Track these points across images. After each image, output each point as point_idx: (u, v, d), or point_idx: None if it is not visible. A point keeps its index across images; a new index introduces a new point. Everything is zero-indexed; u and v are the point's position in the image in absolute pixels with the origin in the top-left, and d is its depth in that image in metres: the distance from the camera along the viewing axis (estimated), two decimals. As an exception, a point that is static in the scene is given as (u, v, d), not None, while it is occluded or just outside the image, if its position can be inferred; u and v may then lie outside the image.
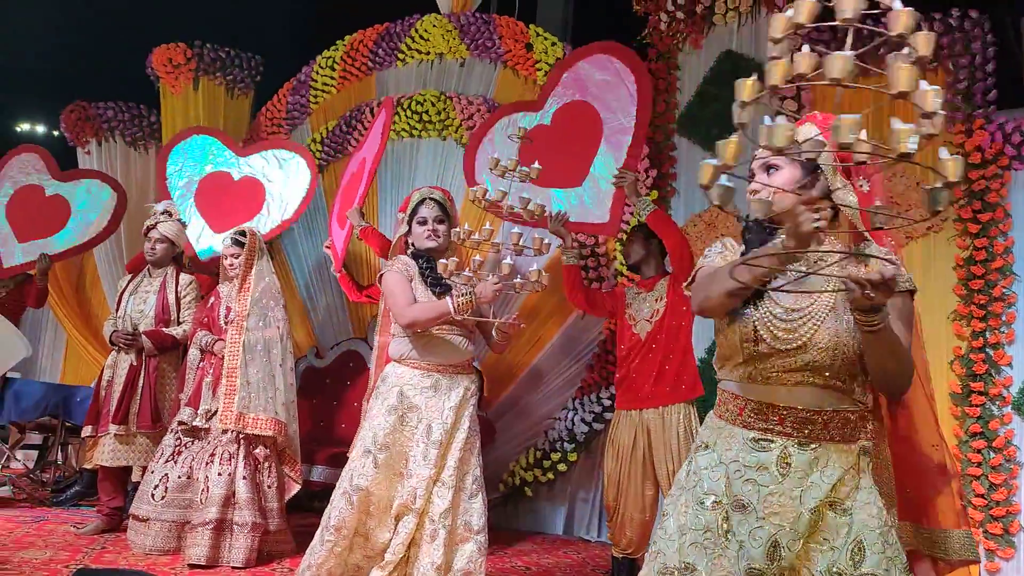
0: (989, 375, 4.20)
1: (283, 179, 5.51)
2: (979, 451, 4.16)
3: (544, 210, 3.21)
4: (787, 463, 1.77)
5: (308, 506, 5.11)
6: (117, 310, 4.67)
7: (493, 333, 3.13)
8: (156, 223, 4.70)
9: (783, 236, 1.86)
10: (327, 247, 5.25)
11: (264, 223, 5.35)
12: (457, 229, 2.99)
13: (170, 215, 4.77)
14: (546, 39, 5.61)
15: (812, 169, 1.81)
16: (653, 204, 3.91)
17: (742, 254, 1.87)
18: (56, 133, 9.32)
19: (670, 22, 5.33)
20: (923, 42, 1.38)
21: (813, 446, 1.77)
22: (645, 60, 5.42)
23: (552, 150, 4.22)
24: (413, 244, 3.39)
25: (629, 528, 3.74)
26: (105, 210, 5.65)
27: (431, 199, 3.39)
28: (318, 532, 3.13)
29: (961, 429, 4.21)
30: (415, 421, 3.14)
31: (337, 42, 6.36)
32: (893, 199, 4.39)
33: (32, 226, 5.64)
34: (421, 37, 6.07)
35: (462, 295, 3.03)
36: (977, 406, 4.19)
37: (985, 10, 4.49)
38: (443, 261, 2.94)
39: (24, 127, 12.64)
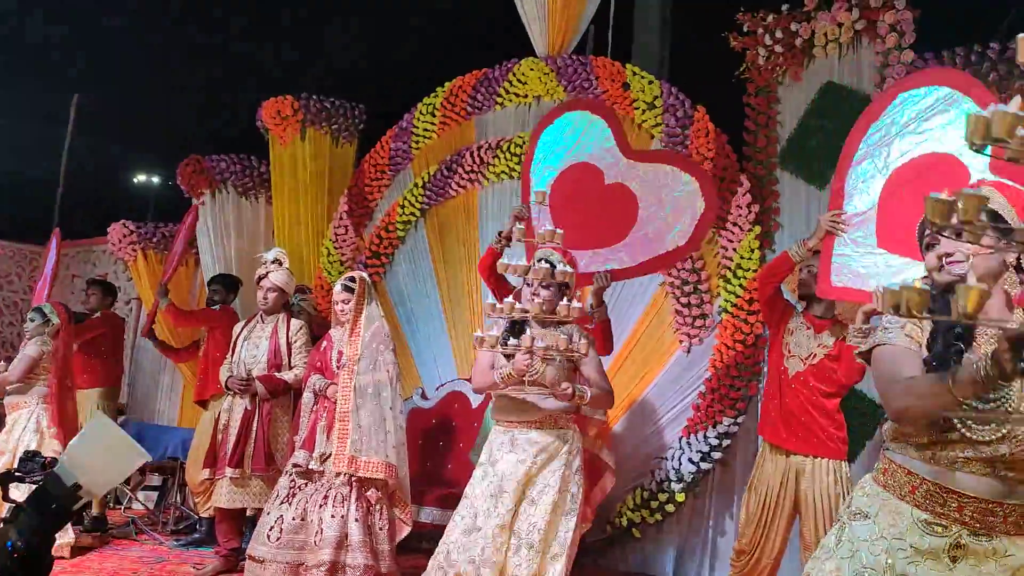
0: None
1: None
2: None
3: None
4: (960, 550, 1.69)
5: (416, 547, 5.14)
6: (232, 356, 4.85)
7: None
8: (267, 272, 4.87)
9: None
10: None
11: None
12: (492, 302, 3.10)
13: (280, 264, 4.95)
14: (643, 78, 5.61)
15: (1004, 234, 1.65)
16: None
17: (931, 334, 1.76)
18: (171, 184, 9.83)
19: (768, 56, 5.25)
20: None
21: (990, 537, 1.69)
22: (744, 94, 5.39)
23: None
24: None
25: (760, 571, 3.60)
26: None
27: (546, 260, 3.34)
28: None
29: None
30: (492, 475, 3.21)
31: (437, 88, 6.52)
32: None
33: None
34: (519, 80, 6.16)
35: (501, 369, 3.18)
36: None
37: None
38: (489, 303, 3.12)
39: (141, 178, 13.40)
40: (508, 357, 3.18)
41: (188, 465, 5.52)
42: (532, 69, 6.12)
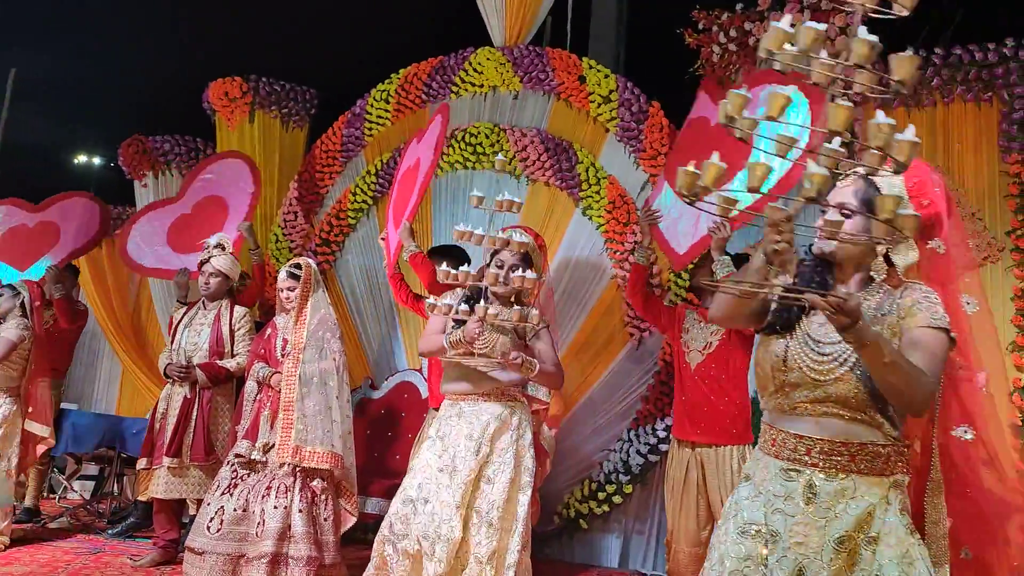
0: (1050, 406, 4.12)
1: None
2: (1043, 483, 4.03)
3: (514, 206, 3.21)
4: (813, 492, 1.79)
5: (362, 539, 5.07)
6: (172, 343, 4.72)
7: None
8: (210, 257, 4.75)
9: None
10: (382, 239, 5.10)
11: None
12: (445, 268, 3.01)
13: (223, 248, 4.82)
14: (599, 71, 5.61)
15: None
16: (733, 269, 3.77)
17: (793, 283, 1.89)
18: (113, 165, 9.56)
19: (722, 54, 5.28)
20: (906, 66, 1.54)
21: (840, 477, 1.78)
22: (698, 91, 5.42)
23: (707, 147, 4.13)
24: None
25: (682, 561, 3.65)
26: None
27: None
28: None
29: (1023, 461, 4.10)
30: (440, 448, 3.19)
31: (392, 75, 6.43)
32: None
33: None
34: (475, 70, 6.11)
35: (451, 333, 3.13)
36: (1038, 438, 4.07)
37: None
38: (443, 269, 2.99)
39: (81, 159, 13.00)
40: (459, 325, 3.15)
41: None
42: (489, 59, 6.08)
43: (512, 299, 3.26)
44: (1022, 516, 2.06)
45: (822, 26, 1.57)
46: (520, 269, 3.22)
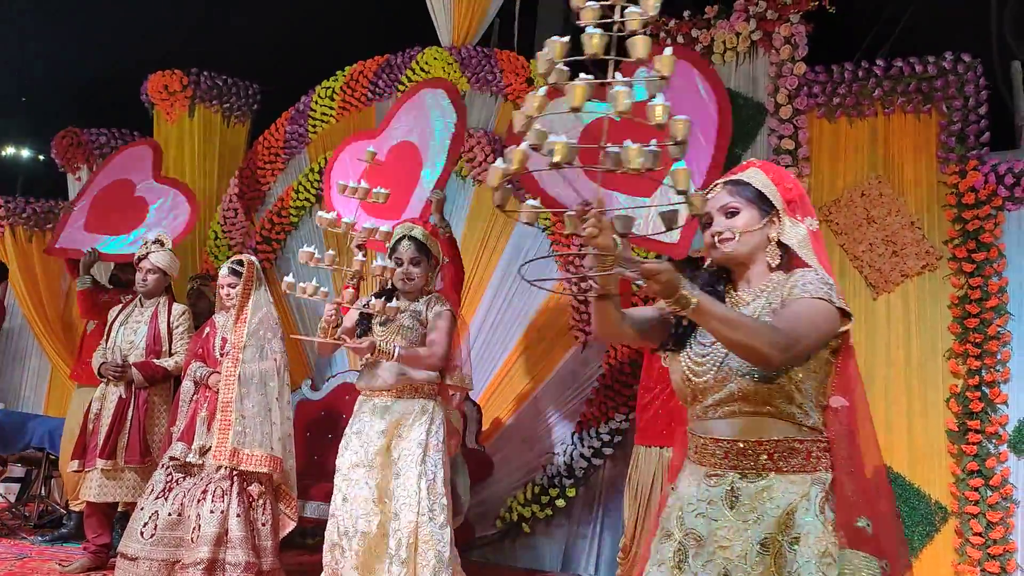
0: (986, 413, 4.26)
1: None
2: (976, 489, 4.20)
3: (385, 197, 3.41)
4: (735, 496, 1.78)
5: (301, 543, 4.99)
6: (106, 341, 4.57)
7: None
8: (148, 253, 4.61)
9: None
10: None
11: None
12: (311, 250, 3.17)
13: (162, 244, 4.69)
14: (546, 74, 5.60)
15: (767, 211, 1.89)
16: None
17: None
18: (42, 158, 9.23)
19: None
20: (666, 64, 1.59)
21: (760, 478, 1.78)
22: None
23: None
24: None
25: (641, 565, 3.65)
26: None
27: (407, 237, 3.43)
28: None
29: (958, 467, 4.27)
30: (355, 445, 3.30)
31: (337, 72, 6.34)
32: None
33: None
34: (422, 69, 6.06)
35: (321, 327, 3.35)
36: (974, 444, 4.24)
37: (978, 54, 4.60)
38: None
39: (9, 151, 12.51)
40: (365, 318, 3.33)
41: (61, 457, 5.16)
42: (436, 58, 6.03)
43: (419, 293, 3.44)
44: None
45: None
46: (417, 263, 3.39)
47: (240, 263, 4.21)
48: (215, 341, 4.24)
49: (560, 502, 5.06)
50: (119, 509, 4.57)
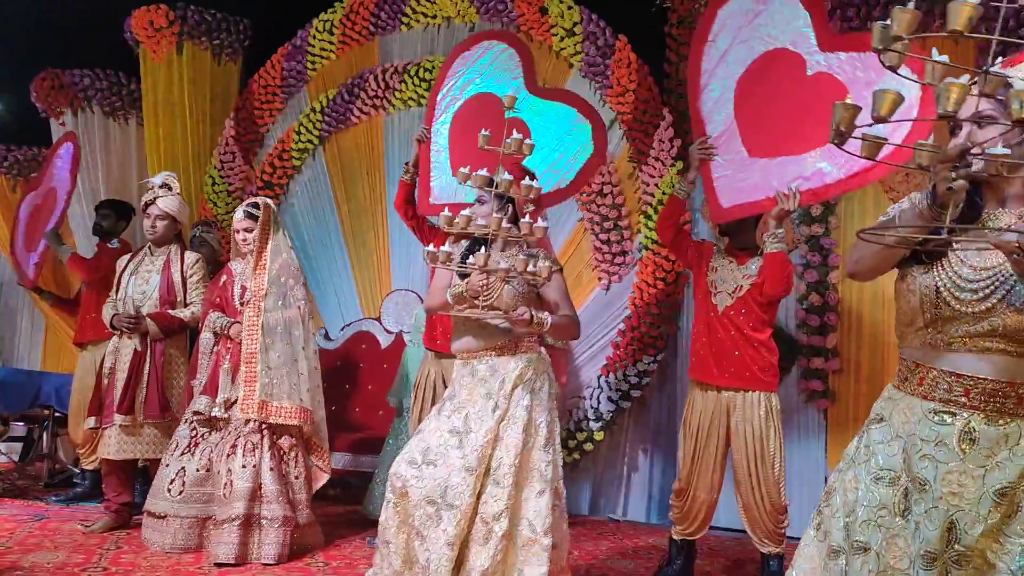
0: None
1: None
2: None
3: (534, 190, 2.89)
4: (971, 439, 1.63)
5: (324, 494, 4.85)
6: (116, 292, 4.33)
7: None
8: (155, 198, 4.35)
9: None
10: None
11: None
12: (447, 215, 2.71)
13: (169, 188, 4.42)
14: (562, 2, 5.33)
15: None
16: None
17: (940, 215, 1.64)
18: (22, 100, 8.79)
19: (691, -18, 5.10)
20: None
21: (1003, 422, 1.63)
22: (665, 24, 5.23)
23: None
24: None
25: (696, 508, 3.56)
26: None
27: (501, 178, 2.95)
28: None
29: None
30: (450, 410, 2.94)
31: (336, 4, 6.02)
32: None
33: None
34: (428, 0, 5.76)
35: (454, 288, 2.91)
36: None
37: None
38: (445, 215, 2.70)
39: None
40: (463, 278, 2.89)
41: (71, 417, 4.95)
42: (442, -14, 5.74)
43: (520, 244, 3.00)
44: None
45: None
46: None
47: (256, 206, 3.98)
48: (234, 289, 4.04)
49: (588, 446, 4.97)
50: (139, 465, 4.40)
